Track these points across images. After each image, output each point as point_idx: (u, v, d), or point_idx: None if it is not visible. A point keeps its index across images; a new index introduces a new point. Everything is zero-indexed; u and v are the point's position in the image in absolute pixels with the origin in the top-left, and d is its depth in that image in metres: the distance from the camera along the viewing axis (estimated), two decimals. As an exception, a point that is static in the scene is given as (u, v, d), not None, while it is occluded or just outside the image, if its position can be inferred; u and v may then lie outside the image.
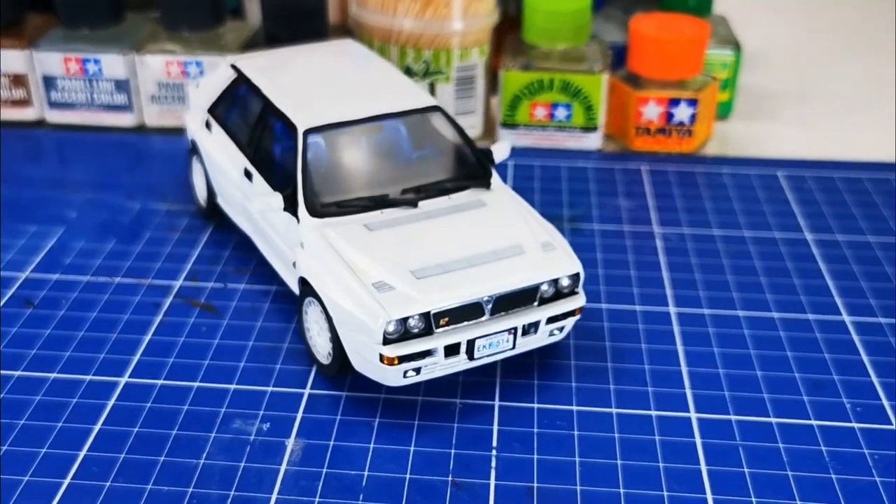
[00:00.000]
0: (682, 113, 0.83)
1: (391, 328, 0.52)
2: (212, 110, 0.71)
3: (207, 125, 0.71)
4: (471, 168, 0.62)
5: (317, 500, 0.49)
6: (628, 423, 0.54)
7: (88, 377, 0.58)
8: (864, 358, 0.59)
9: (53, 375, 0.58)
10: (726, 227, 0.73)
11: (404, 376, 0.53)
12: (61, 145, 0.87)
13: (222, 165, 0.68)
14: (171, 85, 0.87)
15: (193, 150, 0.73)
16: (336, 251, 0.55)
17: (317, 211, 0.58)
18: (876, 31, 1.16)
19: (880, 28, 1.17)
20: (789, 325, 0.62)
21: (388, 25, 0.84)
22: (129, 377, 0.58)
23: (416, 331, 0.52)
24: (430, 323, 0.52)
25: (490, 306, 0.54)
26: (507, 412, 0.55)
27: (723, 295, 0.65)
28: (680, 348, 0.60)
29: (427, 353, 0.53)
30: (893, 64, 1.06)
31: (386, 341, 0.52)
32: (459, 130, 0.63)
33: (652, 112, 0.83)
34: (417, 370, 0.53)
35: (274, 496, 0.49)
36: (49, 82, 0.88)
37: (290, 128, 0.61)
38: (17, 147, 0.85)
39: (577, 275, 0.56)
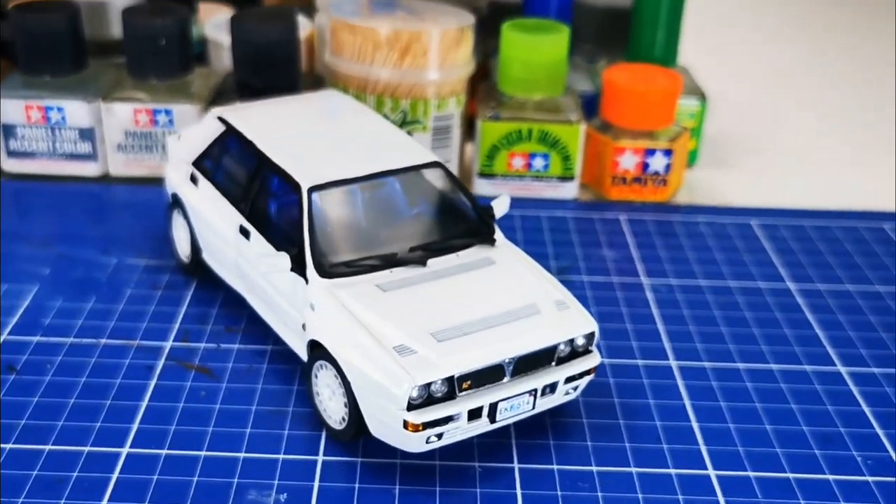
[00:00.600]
0: (658, 163, 0.84)
1: (416, 394, 0.51)
2: (197, 164, 0.69)
3: (193, 179, 0.69)
4: (474, 224, 0.62)
5: (346, 574, 0.48)
6: (649, 483, 0.54)
7: (87, 448, 0.55)
8: (866, 409, 0.60)
9: (48, 447, 0.55)
10: (711, 278, 0.74)
11: (427, 442, 0.52)
12: (22, 196, 0.83)
13: (212, 222, 0.66)
14: (138, 133, 0.85)
15: (175, 204, 0.71)
16: (351, 313, 0.54)
17: (325, 271, 0.56)
18: (826, 78, 1.20)
19: (830, 75, 1.22)
20: (788, 377, 0.63)
21: (365, 75, 0.83)
22: (131, 447, 0.55)
23: (438, 395, 0.51)
24: (454, 387, 0.52)
25: (511, 368, 0.53)
26: (529, 474, 0.54)
27: (720, 347, 0.66)
28: (687, 403, 0.60)
29: (450, 418, 0.52)
30: (848, 111, 1.10)
31: (409, 407, 0.51)
32: (460, 186, 0.63)
33: (628, 162, 0.84)
34: (439, 435, 0.52)
35: (302, 573, 0.48)
36: (8, 130, 0.85)
37: (293, 185, 0.59)
38: (-24, 199, 0.82)
39: (593, 333, 0.56)
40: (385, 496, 0.52)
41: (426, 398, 0.51)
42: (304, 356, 0.59)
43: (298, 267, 0.57)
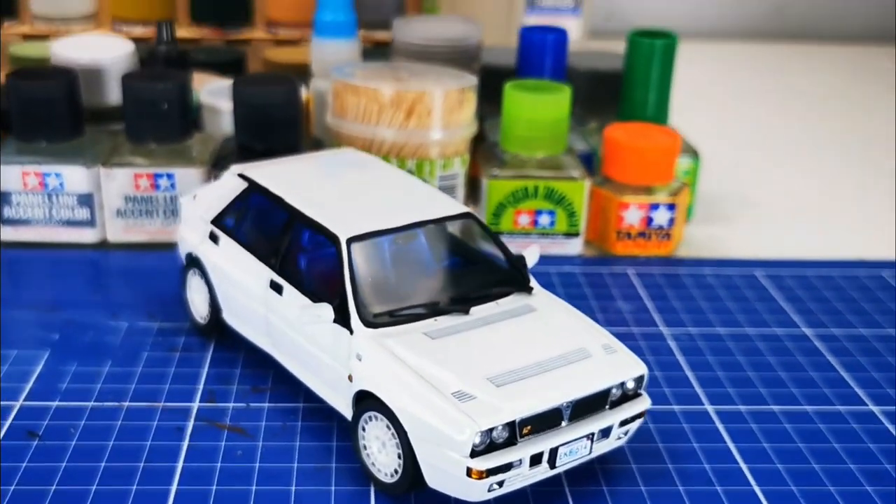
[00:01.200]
0: (661, 217, 0.86)
1: (478, 440, 0.49)
2: (217, 222, 0.68)
3: (213, 237, 0.67)
4: (509, 273, 0.61)
5: None
6: (712, 525, 0.53)
7: (125, 513, 0.52)
8: (906, 446, 0.61)
9: (84, 513, 0.52)
10: (729, 326, 0.75)
11: (488, 490, 0.51)
12: (19, 263, 0.80)
13: (237, 279, 0.64)
14: (139, 198, 0.83)
15: (190, 264, 0.70)
16: (403, 361, 0.53)
17: (369, 321, 0.55)
18: (808, 135, 1.24)
19: (813, 132, 1.26)
20: (824, 417, 0.63)
21: (370, 135, 0.83)
22: (173, 510, 0.53)
23: (499, 441, 0.50)
24: (515, 432, 0.51)
25: (569, 412, 0.52)
26: (588, 521, 0.53)
27: (751, 391, 0.66)
28: (731, 445, 0.60)
29: (512, 465, 0.50)
30: (830, 166, 1.13)
31: (472, 454, 0.50)
32: (492, 236, 0.63)
33: (633, 217, 0.85)
34: (501, 483, 0.51)
35: None
36: (3, 198, 0.83)
37: (330, 238, 0.58)
38: (-28, 267, 0.79)
39: (642, 376, 0.56)
40: (447, 549, 0.51)
41: (487, 444, 0.50)
42: (344, 411, 0.57)
43: (341, 318, 0.56)
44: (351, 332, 0.55)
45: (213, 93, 0.95)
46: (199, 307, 0.70)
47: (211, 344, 0.69)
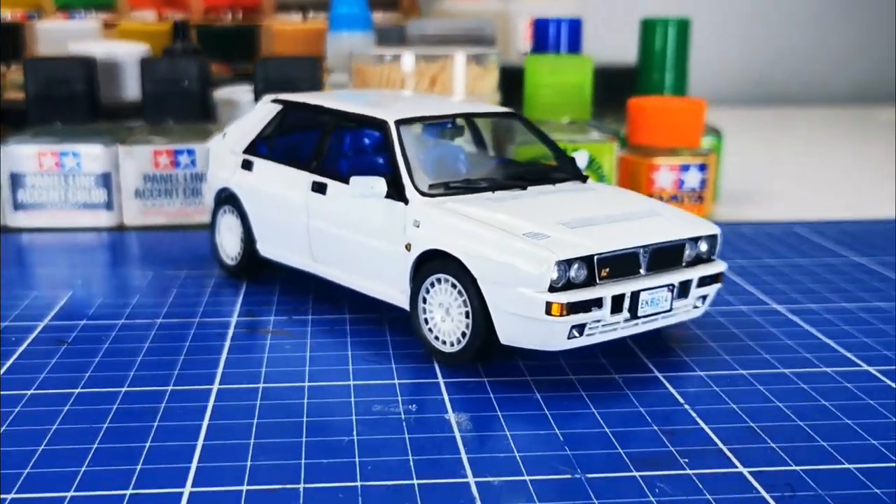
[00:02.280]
0: (693, 178, 0.84)
1: (556, 275, 0.46)
2: (249, 149, 0.65)
3: (246, 165, 0.64)
4: (562, 166, 0.59)
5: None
6: (809, 379, 0.49)
7: (170, 388, 0.48)
8: None
9: (124, 389, 0.47)
10: (779, 258, 0.72)
11: (568, 338, 0.47)
12: (35, 242, 0.77)
13: (276, 193, 0.61)
14: (158, 177, 0.81)
15: (220, 203, 0.66)
16: (467, 216, 0.50)
17: (424, 192, 0.52)
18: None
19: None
20: (902, 310, 0.60)
21: (394, 106, 0.82)
22: (221, 384, 0.48)
23: (578, 282, 0.47)
24: (594, 271, 0.47)
25: (646, 259, 0.49)
26: (676, 381, 0.49)
27: (819, 296, 0.63)
28: (810, 329, 0.56)
29: (593, 305, 0.47)
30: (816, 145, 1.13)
31: (551, 290, 0.46)
32: (541, 135, 0.61)
33: (664, 179, 0.83)
34: (581, 329, 0.47)
35: (465, 456, 0.41)
36: (16, 180, 0.80)
37: (377, 126, 0.56)
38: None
39: (715, 237, 0.53)
40: (529, 403, 0.46)
41: (566, 283, 0.46)
42: (398, 300, 0.53)
43: (395, 191, 0.53)
44: (406, 202, 0.52)
45: (227, 92, 0.94)
46: (229, 248, 0.66)
47: (243, 284, 0.65)
